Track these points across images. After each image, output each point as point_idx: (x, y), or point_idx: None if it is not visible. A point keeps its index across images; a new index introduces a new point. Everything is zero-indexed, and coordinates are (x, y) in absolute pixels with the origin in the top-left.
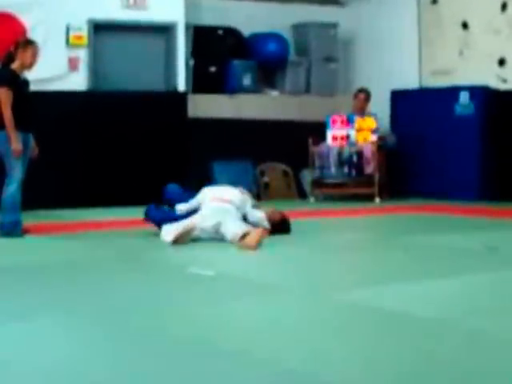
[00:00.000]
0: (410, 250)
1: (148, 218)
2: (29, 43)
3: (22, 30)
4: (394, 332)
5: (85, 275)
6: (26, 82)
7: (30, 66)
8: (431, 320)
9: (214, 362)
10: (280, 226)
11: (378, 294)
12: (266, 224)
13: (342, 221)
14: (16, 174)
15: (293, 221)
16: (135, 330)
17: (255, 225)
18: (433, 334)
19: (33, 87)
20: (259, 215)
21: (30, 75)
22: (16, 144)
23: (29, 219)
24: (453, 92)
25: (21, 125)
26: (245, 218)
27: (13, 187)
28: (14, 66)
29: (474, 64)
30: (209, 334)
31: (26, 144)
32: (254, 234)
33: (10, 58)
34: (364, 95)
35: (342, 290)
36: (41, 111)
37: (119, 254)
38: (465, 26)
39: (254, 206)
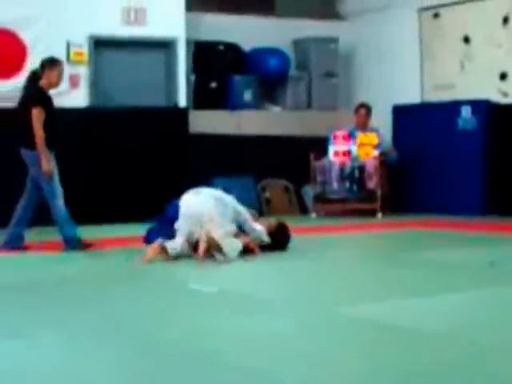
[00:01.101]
0: (412, 266)
1: (149, 241)
2: (55, 62)
3: (21, 47)
4: (395, 346)
5: (86, 291)
6: (51, 99)
7: (56, 84)
8: (433, 334)
9: (213, 375)
10: (279, 233)
11: (380, 309)
12: (266, 238)
13: (344, 236)
14: (57, 189)
15: (295, 237)
16: (135, 343)
17: (254, 238)
18: (435, 347)
19: None
20: (258, 228)
21: None
22: (46, 165)
23: (31, 236)
24: (454, 106)
25: (51, 143)
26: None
27: (60, 202)
28: (41, 84)
29: (475, 78)
30: (208, 346)
31: (56, 163)
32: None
33: (35, 75)
34: (365, 110)
35: (344, 305)
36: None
37: (120, 270)
38: (466, 40)
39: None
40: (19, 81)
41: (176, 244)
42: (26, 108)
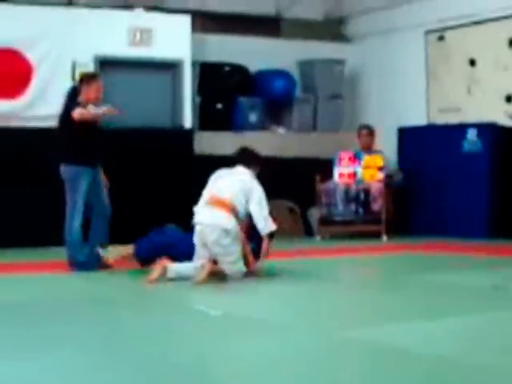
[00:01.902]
0: (414, 289)
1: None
2: (92, 78)
3: (27, 66)
4: (395, 369)
5: (94, 312)
6: None
7: (95, 100)
8: (434, 358)
9: None
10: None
11: (381, 332)
12: (270, 226)
13: (348, 259)
14: (76, 209)
15: (299, 259)
16: (140, 361)
17: (260, 227)
18: (436, 371)
19: (38, 123)
20: (265, 213)
21: (38, 111)
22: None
23: (36, 257)
24: (460, 129)
25: (89, 160)
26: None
27: (75, 224)
28: (80, 100)
29: (481, 101)
30: (210, 370)
31: (94, 179)
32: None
33: (75, 91)
34: (366, 131)
35: (345, 328)
36: (46, 148)
37: (126, 291)
38: (472, 62)
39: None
40: (25, 100)
41: (187, 268)
42: (65, 124)
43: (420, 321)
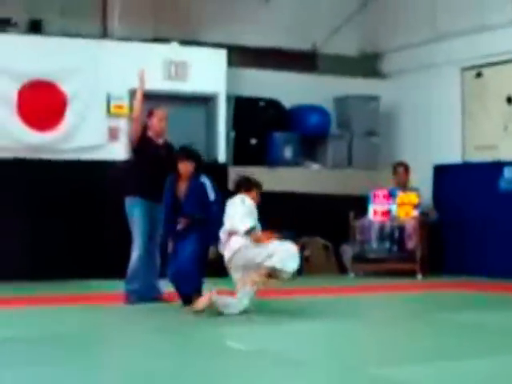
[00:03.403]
0: (447, 328)
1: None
2: (152, 111)
3: (62, 99)
4: None
5: (120, 346)
6: (158, 147)
7: (160, 131)
8: None
9: None
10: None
11: (415, 372)
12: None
13: (382, 297)
14: (137, 242)
15: (333, 296)
16: None
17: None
18: None
19: (73, 156)
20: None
21: (71, 144)
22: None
23: (53, 290)
24: (497, 167)
25: (150, 194)
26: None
27: (134, 254)
28: (149, 134)
29: None
30: None
31: (157, 215)
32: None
33: (145, 126)
34: (403, 169)
35: (376, 367)
36: (81, 180)
37: (154, 326)
38: (509, 100)
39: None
40: (60, 133)
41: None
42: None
43: (450, 361)
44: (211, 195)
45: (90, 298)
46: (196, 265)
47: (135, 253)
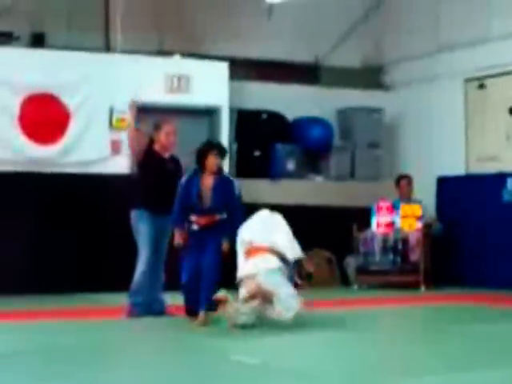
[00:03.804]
0: (453, 340)
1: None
2: (160, 124)
3: (64, 112)
4: None
5: (122, 361)
6: (164, 161)
7: (167, 145)
8: None
9: None
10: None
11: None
12: None
13: (386, 310)
14: (143, 255)
15: (336, 309)
16: None
17: None
18: None
19: (75, 169)
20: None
21: (73, 157)
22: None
23: (55, 303)
24: (500, 178)
25: (156, 207)
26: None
27: (139, 268)
28: (156, 147)
29: None
30: None
31: (163, 228)
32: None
33: (151, 140)
34: (406, 181)
35: (386, 378)
36: (84, 193)
37: (156, 340)
38: None
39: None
40: (62, 146)
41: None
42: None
43: (455, 372)
44: (236, 190)
45: (93, 311)
46: (217, 278)
47: (140, 266)
